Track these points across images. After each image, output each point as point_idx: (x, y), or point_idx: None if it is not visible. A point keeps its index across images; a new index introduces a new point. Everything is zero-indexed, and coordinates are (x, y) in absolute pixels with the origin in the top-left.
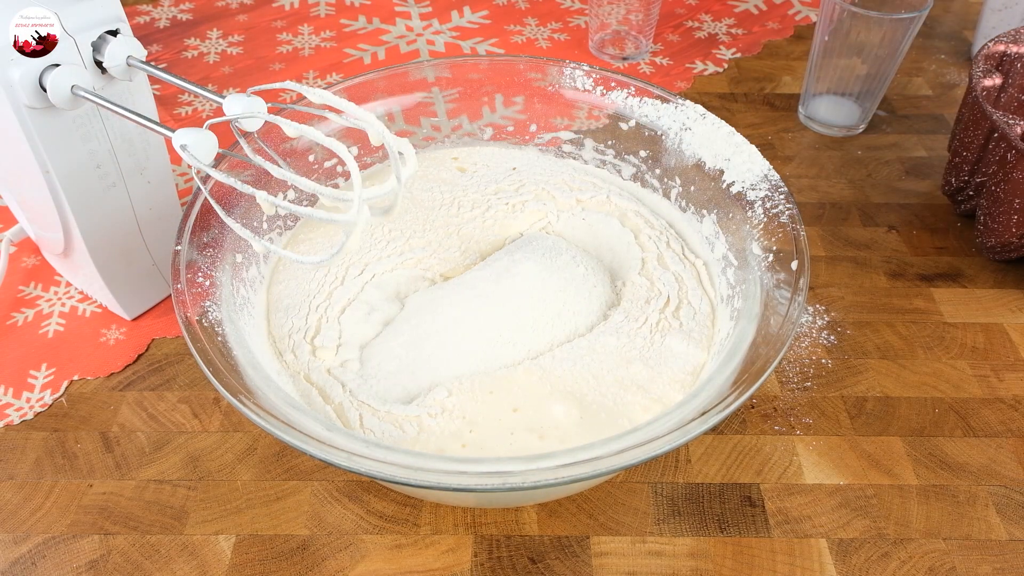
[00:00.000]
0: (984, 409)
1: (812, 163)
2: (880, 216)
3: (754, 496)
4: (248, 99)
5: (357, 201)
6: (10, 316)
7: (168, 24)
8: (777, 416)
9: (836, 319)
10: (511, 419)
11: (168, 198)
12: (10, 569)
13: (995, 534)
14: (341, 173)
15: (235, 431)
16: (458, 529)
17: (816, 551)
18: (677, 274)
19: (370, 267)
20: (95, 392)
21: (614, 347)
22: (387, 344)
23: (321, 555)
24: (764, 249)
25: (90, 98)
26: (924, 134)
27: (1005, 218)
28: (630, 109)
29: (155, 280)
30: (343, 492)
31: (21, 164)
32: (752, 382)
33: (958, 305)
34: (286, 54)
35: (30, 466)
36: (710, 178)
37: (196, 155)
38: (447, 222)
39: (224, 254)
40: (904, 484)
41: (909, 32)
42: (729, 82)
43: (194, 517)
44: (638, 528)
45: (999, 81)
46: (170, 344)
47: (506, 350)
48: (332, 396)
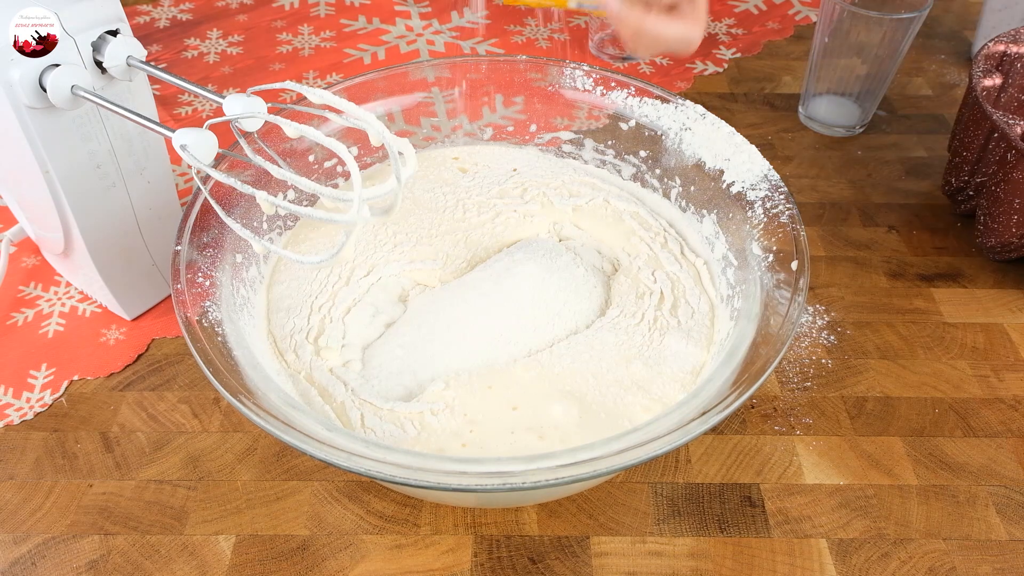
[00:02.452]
0: (984, 409)
1: (812, 163)
2: (880, 216)
3: (754, 496)
4: (248, 99)
5: (357, 201)
6: (10, 316)
7: (168, 24)
8: (777, 416)
9: (836, 319)
10: (511, 418)
11: (168, 198)
12: (10, 569)
13: (995, 534)
14: (341, 173)
15: (235, 431)
16: (458, 529)
17: (816, 551)
18: (672, 273)
19: (376, 269)
20: (95, 392)
21: (612, 344)
22: (389, 345)
23: (321, 555)
24: (764, 249)
25: (90, 98)
26: (924, 134)
27: (1005, 218)
28: (630, 109)
29: (155, 280)
30: (343, 492)
31: (21, 164)
32: (752, 382)
33: (958, 305)
34: (286, 54)
35: (30, 466)
36: (710, 178)
37: (196, 155)
38: (453, 227)
39: (224, 254)
40: (904, 484)
41: (909, 32)
42: (729, 82)
43: (194, 517)
44: (638, 528)
45: (999, 81)
46: (170, 344)
47: (507, 350)
48: (334, 395)
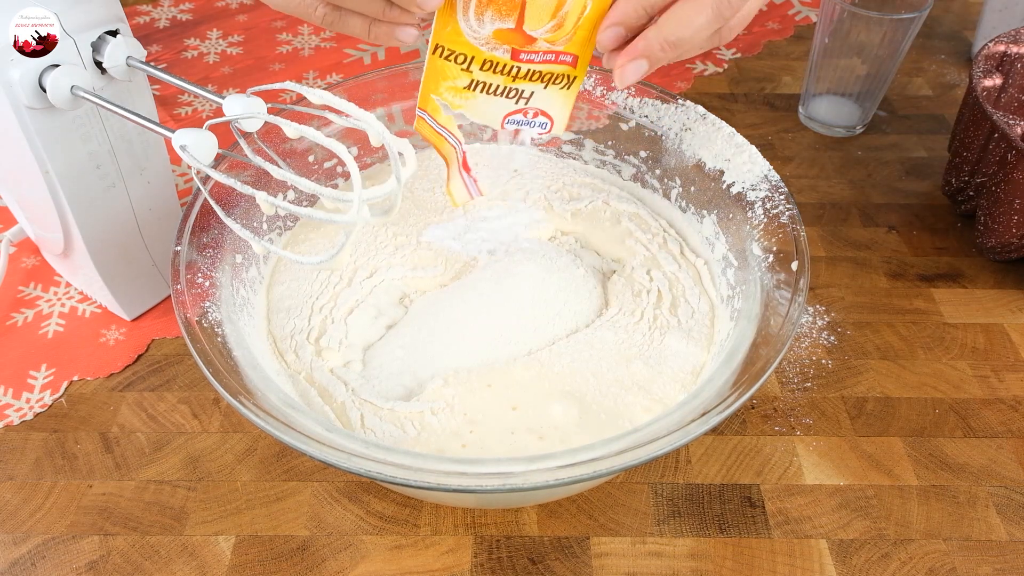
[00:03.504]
0: (984, 410)
1: (812, 163)
2: (880, 216)
3: (754, 497)
4: (248, 99)
5: (357, 201)
6: (10, 316)
7: (168, 24)
8: (777, 417)
9: (836, 319)
10: (511, 418)
11: (168, 198)
12: (10, 570)
13: (995, 535)
14: (341, 173)
15: (235, 432)
16: (458, 530)
17: (816, 552)
18: (670, 273)
19: (379, 272)
20: (95, 392)
21: (612, 343)
22: (390, 346)
23: (321, 556)
24: (764, 250)
25: (90, 98)
26: (924, 134)
27: (1005, 218)
28: (630, 109)
29: (155, 280)
30: (343, 493)
31: (21, 164)
32: (752, 383)
33: (958, 305)
34: (286, 54)
35: (30, 467)
36: (710, 178)
37: (196, 155)
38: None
39: (224, 255)
40: (904, 485)
41: (909, 32)
42: (729, 82)
43: (194, 518)
44: (638, 529)
45: (999, 81)
46: (170, 345)
47: (507, 350)
48: (334, 395)
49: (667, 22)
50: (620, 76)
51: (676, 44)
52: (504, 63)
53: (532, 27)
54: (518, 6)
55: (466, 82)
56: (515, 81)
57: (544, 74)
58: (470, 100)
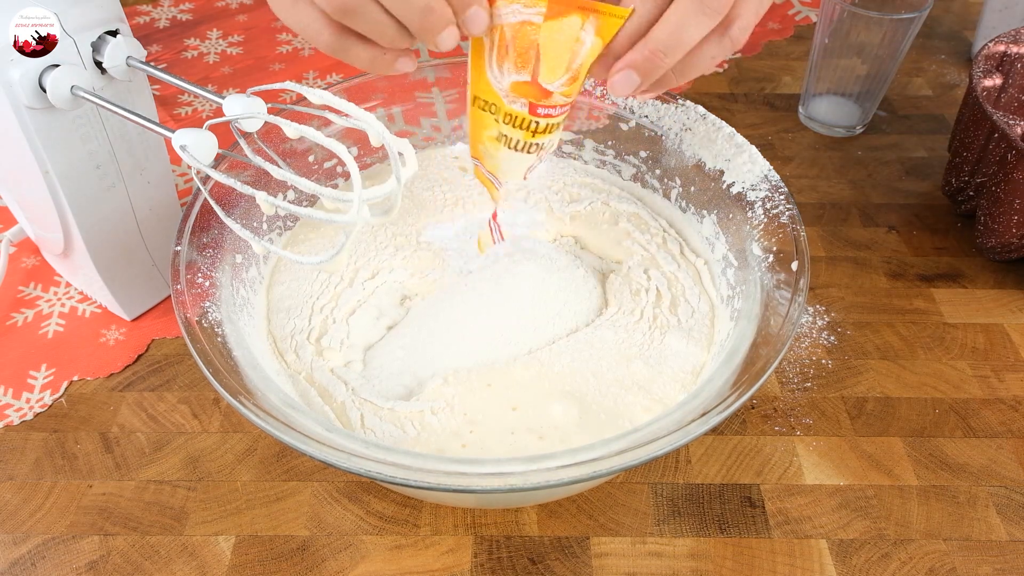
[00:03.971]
0: (984, 410)
1: (812, 163)
2: (880, 216)
3: (754, 497)
4: (248, 99)
5: (357, 202)
6: (10, 316)
7: (168, 24)
8: (777, 417)
9: (836, 319)
10: (511, 418)
11: (168, 198)
12: (10, 570)
13: (995, 535)
14: (341, 173)
15: (235, 432)
16: (458, 530)
17: (816, 552)
18: (669, 272)
19: (381, 274)
20: (95, 392)
21: (612, 342)
22: (390, 346)
23: (321, 556)
24: (764, 250)
25: (90, 98)
26: (924, 134)
27: (1005, 218)
28: (630, 109)
29: (155, 280)
30: (343, 493)
31: (21, 164)
32: (752, 383)
33: (958, 305)
34: (286, 54)
35: (30, 467)
36: (710, 178)
37: (196, 155)
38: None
39: (224, 255)
40: (904, 485)
41: (909, 32)
42: (729, 82)
43: (194, 518)
44: (638, 529)
45: (999, 81)
46: (170, 345)
47: (507, 350)
48: (334, 395)
49: (652, 30)
50: (610, 87)
51: (665, 51)
52: (523, 118)
53: (547, 80)
54: (532, 58)
55: (495, 133)
56: (534, 136)
57: (555, 127)
58: (500, 152)
